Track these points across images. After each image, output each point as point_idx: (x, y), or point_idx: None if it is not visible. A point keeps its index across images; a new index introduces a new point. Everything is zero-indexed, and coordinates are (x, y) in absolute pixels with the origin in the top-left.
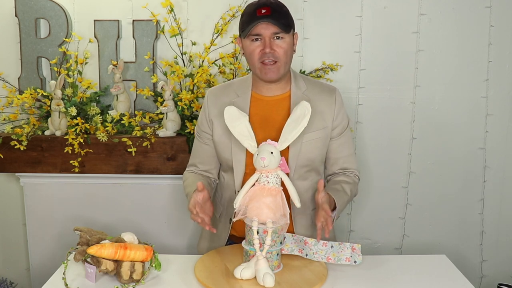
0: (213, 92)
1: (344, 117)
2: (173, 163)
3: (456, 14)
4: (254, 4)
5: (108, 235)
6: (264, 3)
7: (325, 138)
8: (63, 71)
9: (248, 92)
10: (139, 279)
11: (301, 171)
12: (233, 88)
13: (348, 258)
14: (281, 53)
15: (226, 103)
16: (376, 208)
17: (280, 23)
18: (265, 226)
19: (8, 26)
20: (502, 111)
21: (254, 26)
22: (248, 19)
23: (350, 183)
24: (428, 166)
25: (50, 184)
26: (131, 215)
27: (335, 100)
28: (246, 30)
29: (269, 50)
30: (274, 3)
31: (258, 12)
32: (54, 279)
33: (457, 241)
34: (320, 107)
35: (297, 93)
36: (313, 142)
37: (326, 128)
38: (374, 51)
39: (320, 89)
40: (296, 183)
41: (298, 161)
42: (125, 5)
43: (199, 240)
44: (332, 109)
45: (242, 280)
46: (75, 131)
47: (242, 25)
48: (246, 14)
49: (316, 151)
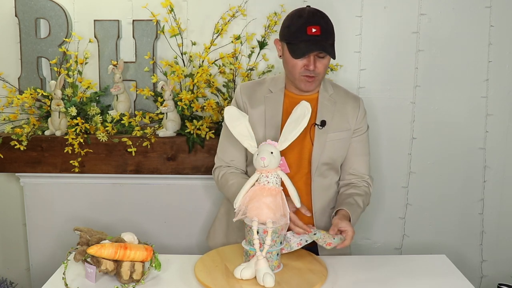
0: (246, 85)
1: (365, 123)
2: (173, 163)
3: (456, 14)
4: (304, 18)
5: (108, 235)
6: (315, 21)
7: (347, 139)
8: (63, 71)
9: (282, 89)
10: (139, 279)
11: (322, 169)
12: (265, 85)
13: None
14: (322, 69)
15: (260, 97)
16: (376, 208)
17: (328, 45)
18: (265, 226)
19: (8, 26)
20: (502, 111)
21: (303, 45)
22: (296, 34)
23: (361, 195)
24: (428, 166)
25: (50, 184)
26: (131, 215)
27: (359, 105)
28: (292, 44)
29: (312, 68)
30: (323, 21)
31: (309, 31)
32: (54, 279)
33: (457, 241)
34: (345, 110)
35: (325, 95)
36: (336, 142)
37: (349, 130)
38: (374, 51)
39: (345, 94)
40: (317, 179)
41: (321, 159)
42: (125, 5)
43: (210, 234)
44: (356, 113)
45: (242, 280)
46: (75, 131)
47: (289, 35)
48: (295, 26)
49: (338, 151)
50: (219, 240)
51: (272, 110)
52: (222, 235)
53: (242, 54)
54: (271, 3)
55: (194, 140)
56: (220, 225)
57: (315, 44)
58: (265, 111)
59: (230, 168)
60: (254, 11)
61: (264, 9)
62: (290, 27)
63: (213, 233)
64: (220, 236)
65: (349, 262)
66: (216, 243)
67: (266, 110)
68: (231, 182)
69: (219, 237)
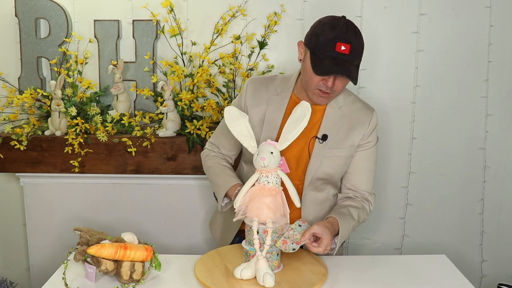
0: (254, 83)
1: (374, 137)
2: (173, 163)
3: (456, 14)
4: (337, 31)
5: (108, 235)
6: (347, 38)
7: (348, 157)
8: (63, 71)
9: (289, 92)
10: (139, 279)
11: (317, 183)
12: (274, 84)
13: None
14: (340, 88)
15: (264, 98)
16: (376, 208)
17: (353, 67)
18: (265, 226)
19: (8, 26)
20: (502, 111)
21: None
22: (324, 46)
23: (358, 208)
24: (428, 166)
25: (50, 184)
26: (131, 215)
27: (370, 121)
28: (317, 57)
29: (331, 85)
30: (356, 40)
31: (338, 48)
32: (54, 279)
33: (457, 241)
34: (352, 125)
35: (334, 107)
36: (335, 158)
37: (352, 147)
38: (374, 51)
39: (358, 107)
40: (310, 193)
41: (316, 174)
42: (125, 5)
43: (212, 222)
44: (364, 129)
45: (242, 280)
46: (75, 131)
47: (315, 45)
48: (325, 38)
49: (336, 167)
50: (218, 229)
51: (273, 113)
52: (221, 226)
53: (242, 54)
54: (271, 3)
55: (194, 140)
56: (220, 216)
57: (340, 64)
58: (266, 112)
59: (213, 152)
60: (254, 11)
61: (264, 9)
62: (319, 37)
63: (213, 221)
64: (219, 227)
65: (349, 262)
66: (216, 231)
67: (267, 112)
68: (209, 164)
69: (218, 228)
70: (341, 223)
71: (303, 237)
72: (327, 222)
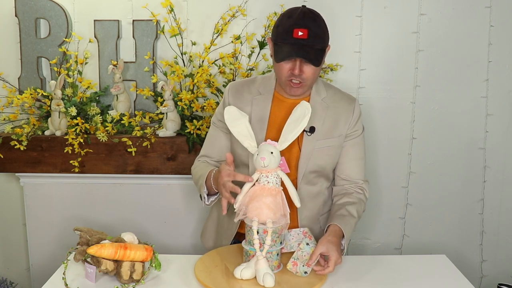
0: (235, 86)
1: (360, 126)
2: (173, 163)
3: (456, 14)
4: (293, 19)
5: (108, 235)
6: (303, 24)
7: (338, 146)
8: (63, 71)
9: (271, 91)
10: (139, 279)
11: (310, 177)
12: (255, 85)
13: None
14: (309, 75)
15: (248, 99)
16: (376, 208)
17: (314, 50)
18: (265, 226)
19: (8, 26)
20: (502, 111)
21: (286, 48)
22: (282, 35)
23: (355, 203)
24: (428, 166)
25: (50, 184)
26: (131, 215)
27: (354, 109)
28: (278, 46)
29: (298, 73)
30: (313, 24)
31: (295, 34)
32: (54, 279)
33: (457, 241)
34: (337, 115)
35: (317, 99)
36: (325, 149)
37: (341, 136)
38: (374, 51)
39: (339, 97)
40: (304, 187)
41: (308, 167)
42: (125, 5)
43: (204, 232)
44: (350, 118)
45: (242, 280)
46: (75, 131)
47: (276, 36)
48: (283, 27)
49: (327, 158)
50: (210, 238)
51: (258, 113)
52: (214, 236)
53: (242, 54)
54: (271, 3)
55: (194, 140)
56: (212, 225)
57: (299, 49)
58: (251, 112)
59: (208, 159)
60: (254, 11)
61: (264, 9)
62: (278, 27)
63: (205, 231)
64: (211, 237)
65: (349, 262)
66: (208, 241)
67: (252, 112)
68: (195, 169)
69: (211, 238)
70: (343, 227)
71: (310, 260)
72: (329, 236)
